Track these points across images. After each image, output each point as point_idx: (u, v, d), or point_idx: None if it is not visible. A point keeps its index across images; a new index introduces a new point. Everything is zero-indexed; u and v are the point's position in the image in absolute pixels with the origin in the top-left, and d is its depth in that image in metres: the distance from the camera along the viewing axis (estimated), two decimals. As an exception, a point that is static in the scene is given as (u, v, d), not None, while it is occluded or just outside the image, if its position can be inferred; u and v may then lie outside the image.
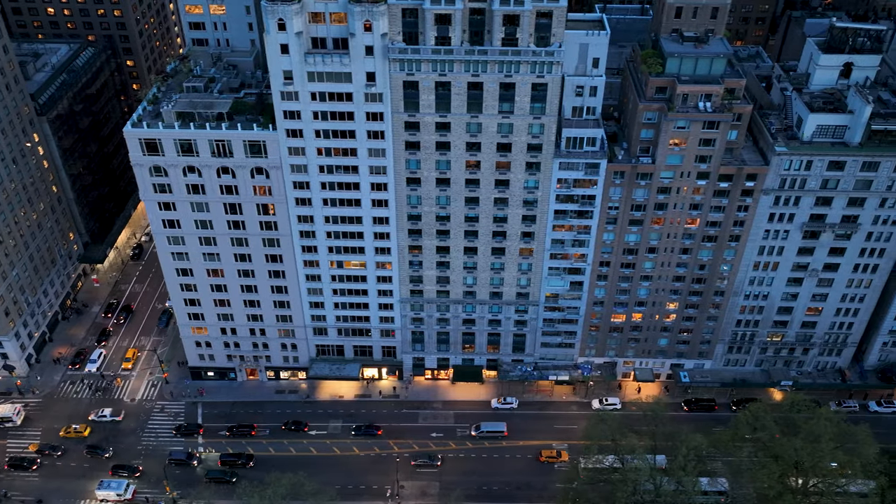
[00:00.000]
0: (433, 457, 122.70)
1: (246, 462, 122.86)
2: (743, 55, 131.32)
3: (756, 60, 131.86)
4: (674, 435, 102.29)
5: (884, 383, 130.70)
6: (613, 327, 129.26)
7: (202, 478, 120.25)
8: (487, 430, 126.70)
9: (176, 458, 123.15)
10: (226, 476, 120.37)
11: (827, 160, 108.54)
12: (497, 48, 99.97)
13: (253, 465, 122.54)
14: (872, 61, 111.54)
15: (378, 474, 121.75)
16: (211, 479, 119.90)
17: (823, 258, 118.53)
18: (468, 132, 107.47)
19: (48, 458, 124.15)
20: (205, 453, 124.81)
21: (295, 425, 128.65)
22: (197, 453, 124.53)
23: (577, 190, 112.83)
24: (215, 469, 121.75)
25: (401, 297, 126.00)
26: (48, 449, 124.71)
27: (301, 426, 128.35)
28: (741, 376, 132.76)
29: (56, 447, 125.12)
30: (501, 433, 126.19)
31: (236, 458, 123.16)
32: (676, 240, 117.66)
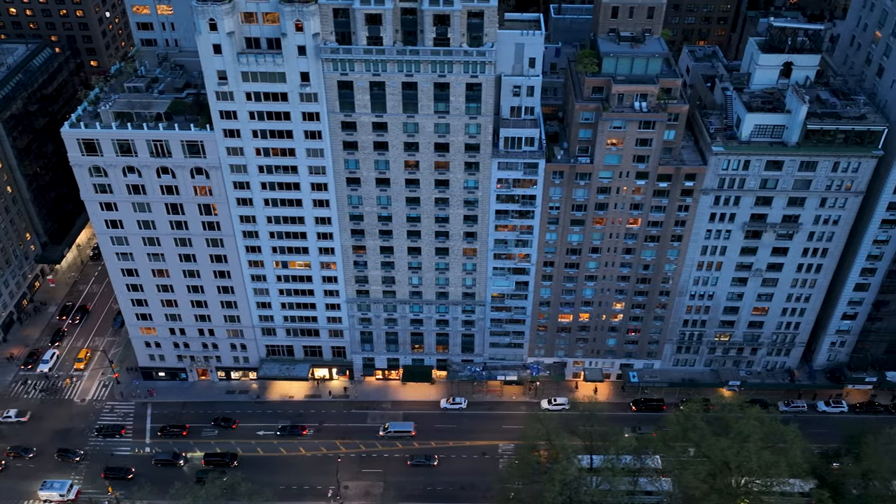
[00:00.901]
0: (429, 457, 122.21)
1: (230, 461, 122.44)
2: (699, 55, 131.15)
3: (712, 60, 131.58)
4: (609, 435, 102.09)
5: (832, 383, 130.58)
6: (561, 327, 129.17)
7: (191, 477, 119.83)
8: (395, 430, 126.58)
9: (161, 459, 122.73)
10: (224, 459, 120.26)
11: (764, 160, 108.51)
12: (429, 48, 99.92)
13: (238, 464, 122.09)
14: (812, 61, 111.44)
15: (324, 475, 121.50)
16: (201, 479, 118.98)
17: (767, 258, 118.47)
18: (405, 132, 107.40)
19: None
20: (191, 453, 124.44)
21: (224, 421, 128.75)
22: (183, 453, 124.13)
23: (518, 190, 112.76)
24: (206, 469, 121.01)
25: (347, 297, 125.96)
26: (20, 451, 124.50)
27: (230, 423, 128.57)
28: (690, 376, 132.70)
29: (28, 449, 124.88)
30: (409, 433, 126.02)
31: (221, 457, 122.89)
32: (619, 240, 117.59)
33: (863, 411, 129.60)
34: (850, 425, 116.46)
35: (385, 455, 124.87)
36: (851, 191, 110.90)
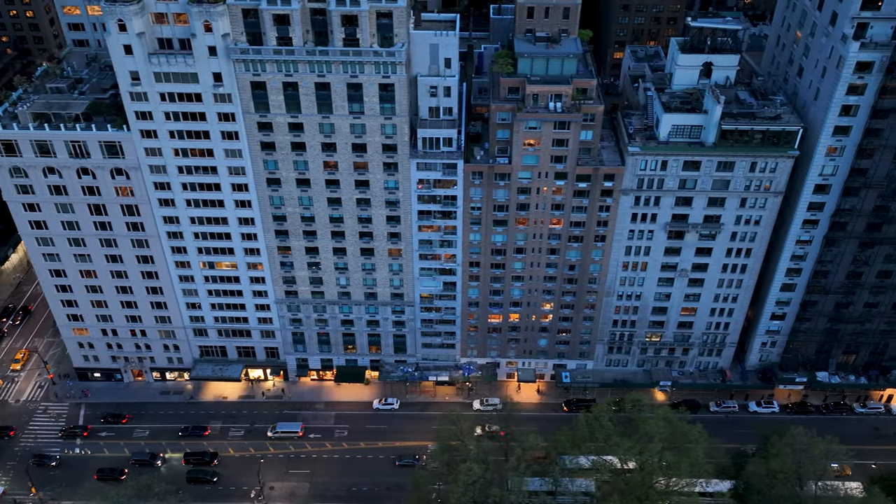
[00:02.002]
0: (417, 457, 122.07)
1: (210, 460, 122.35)
2: (641, 55, 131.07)
3: (654, 60, 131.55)
4: (521, 435, 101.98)
5: (764, 384, 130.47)
6: (491, 328, 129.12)
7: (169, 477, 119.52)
8: (283, 430, 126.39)
9: (139, 459, 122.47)
10: (206, 475, 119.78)
11: (681, 160, 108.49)
12: (338, 49, 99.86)
13: (217, 462, 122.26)
14: (731, 61, 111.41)
15: (251, 475, 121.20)
16: (191, 480, 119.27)
17: (691, 258, 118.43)
18: (322, 133, 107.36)
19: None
20: (169, 453, 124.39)
21: (113, 417, 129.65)
22: (161, 454, 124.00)
23: (438, 190, 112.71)
24: (198, 469, 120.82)
25: (276, 297, 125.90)
26: None
27: (120, 418, 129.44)
28: (623, 377, 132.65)
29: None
30: (296, 433, 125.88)
31: (200, 457, 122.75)
32: (543, 240, 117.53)
33: (794, 412, 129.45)
34: (768, 426, 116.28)
35: (314, 456, 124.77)
36: (771, 191, 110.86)
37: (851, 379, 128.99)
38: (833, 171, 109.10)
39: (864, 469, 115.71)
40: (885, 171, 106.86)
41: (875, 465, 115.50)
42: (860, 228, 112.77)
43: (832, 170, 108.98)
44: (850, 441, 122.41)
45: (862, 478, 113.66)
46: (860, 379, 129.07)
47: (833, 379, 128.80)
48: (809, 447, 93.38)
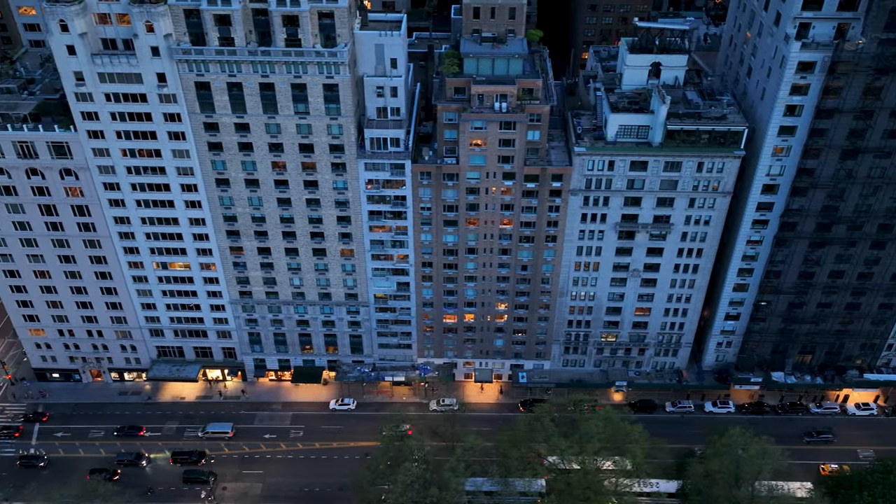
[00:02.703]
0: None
1: (199, 459, 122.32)
2: (604, 55, 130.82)
3: (613, 61, 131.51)
4: (464, 435, 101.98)
5: (720, 384, 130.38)
6: (447, 328, 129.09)
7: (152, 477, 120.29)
8: (212, 430, 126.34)
9: (123, 459, 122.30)
10: (203, 476, 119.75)
11: (628, 160, 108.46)
12: (280, 49, 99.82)
13: (204, 462, 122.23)
14: (679, 61, 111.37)
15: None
16: (188, 480, 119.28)
17: (643, 258, 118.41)
18: (268, 133, 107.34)
19: None
20: (155, 454, 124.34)
21: (34, 415, 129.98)
22: (146, 453, 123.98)
23: (387, 191, 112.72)
24: (195, 470, 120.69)
25: (231, 298, 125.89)
26: None
27: (40, 416, 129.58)
28: (579, 377, 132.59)
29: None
30: (227, 434, 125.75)
31: (188, 456, 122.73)
32: (494, 240, 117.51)
33: (750, 412, 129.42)
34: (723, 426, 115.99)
35: (268, 456, 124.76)
36: (719, 191, 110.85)
37: (807, 379, 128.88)
38: (780, 171, 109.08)
39: (812, 469, 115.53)
40: (831, 171, 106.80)
41: (823, 466, 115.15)
42: (810, 228, 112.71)
43: (779, 170, 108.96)
44: (805, 441, 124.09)
45: (811, 477, 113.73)
46: (816, 379, 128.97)
47: (789, 379, 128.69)
48: (747, 447, 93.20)
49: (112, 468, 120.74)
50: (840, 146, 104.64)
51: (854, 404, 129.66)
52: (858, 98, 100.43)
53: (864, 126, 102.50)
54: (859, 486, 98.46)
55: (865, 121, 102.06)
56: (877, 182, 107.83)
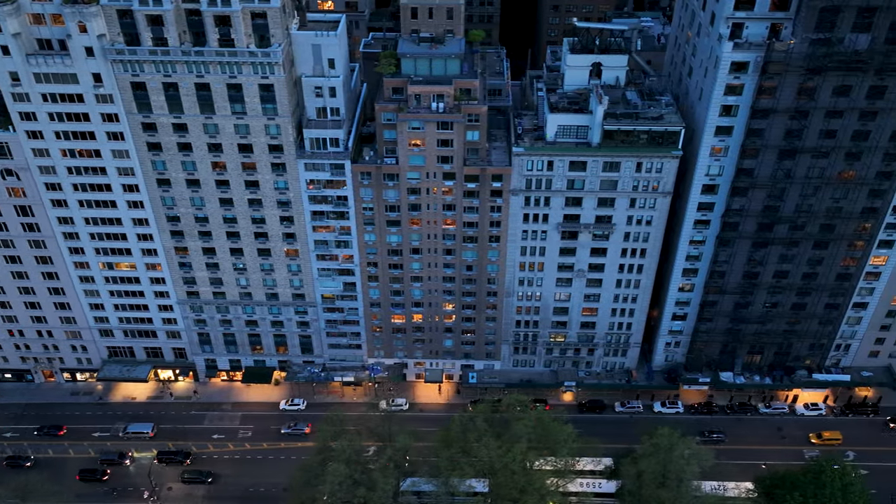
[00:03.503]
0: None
1: (184, 459, 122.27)
2: (560, 55, 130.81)
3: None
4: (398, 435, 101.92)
5: (669, 384, 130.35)
6: (395, 328, 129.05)
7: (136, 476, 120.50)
8: (133, 430, 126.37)
9: (107, 459, 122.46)
10: (201, 476, 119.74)
11: (567, 160, 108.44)
12: (213, 49, 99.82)
13: (190, 462, 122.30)
14: (620, 61, 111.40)
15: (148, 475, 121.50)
16: (186, 481, 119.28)
17: (587, 258, 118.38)
18: (206, 133, 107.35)
19: None
20: (137, 452, 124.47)
21: None
22: (130, 452, 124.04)
23: (329, 191, 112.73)
24: (194, 470, 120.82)
25: (178, 298, 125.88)
26: None
27: None
28: (529, 377, 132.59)
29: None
30: (147, 434, 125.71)
31: (174, 455, 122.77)
32: (438, 240, 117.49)
33: (698, 412, 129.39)
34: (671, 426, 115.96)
35: (215, 457, 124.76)
36: (659, 191, 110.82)
37: (756, 379, 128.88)
38: (719, 172, 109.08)
39: (756, 469, 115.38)
40: (769, 171, 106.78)
41: (764, 466, 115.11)
42: (751, 228, 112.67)
43: (718, 170, 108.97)
44: (751, 441, 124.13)
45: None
46: (765, 379, 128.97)
47: (738, 379, 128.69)
48: (673, 447, 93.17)
49: (101, 469, 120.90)
50: (777, 146, 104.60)
51: (803, 404, 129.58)
52: (792, 98, 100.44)
53: (800, 126, 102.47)
54: (792, 486, 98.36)
55: (800, 121, 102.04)
56: (816, 182, 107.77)
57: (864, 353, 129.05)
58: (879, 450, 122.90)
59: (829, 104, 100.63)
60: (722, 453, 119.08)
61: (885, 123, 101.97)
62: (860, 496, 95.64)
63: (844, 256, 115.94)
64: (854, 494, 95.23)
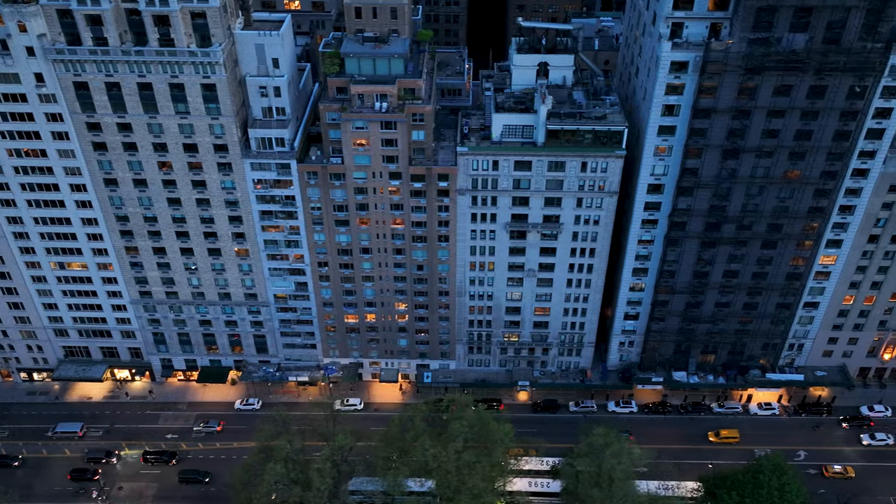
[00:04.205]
0: None
1: (169, 460, 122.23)
2: None
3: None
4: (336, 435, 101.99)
5: (624, 384, 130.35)
6: (349, 328, 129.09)
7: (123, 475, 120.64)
8: (62, 430, 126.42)
9: (93, 457, 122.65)
10: (199, 476, 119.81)
11: (512, 160, 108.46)
12: (154, 49, 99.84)
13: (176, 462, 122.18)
14: (566, 61, 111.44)
15: (104, 475, 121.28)
16: (183, 480, 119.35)
17: (536, 258, 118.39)
18: (151, 133, 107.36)
19: None
20: (126, 452, 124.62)
21: None
22: (116, 451, 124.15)
23: (276, 191, 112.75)
24: (191, 470, 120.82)
25: (131, 298, 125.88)
26: None
27: None
28: (484, 376, 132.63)
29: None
30: (76, 433, 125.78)
31: (159, 455, 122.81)
32: (387, 240, 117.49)
33: (652, 411, 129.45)
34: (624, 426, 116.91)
35: (200, 456, 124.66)
36: (605, 191, 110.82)
37: (710, 379, 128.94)
38: (664, 171, 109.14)
39: (703, 468, 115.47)
40: (714, 170, 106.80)
41: (711, 465, 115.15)
42: (699, 228, 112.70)
43: (663, 170, 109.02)
44: (705, 440, 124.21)
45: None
46: (719, 379, 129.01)
47: (692, 379, 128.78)
48: (608, 447, 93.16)
49: (92, 468, 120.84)
50: (720, 146, 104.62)
51: (756, 404, 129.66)
52: (733, 98, 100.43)
53: (742, 126, 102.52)
54: (732, 485, 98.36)
55: (742, 121, 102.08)
56: (761, 182, 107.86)
57: (817, 352, 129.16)
58: (831, 449, 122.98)
59: (770, 104, 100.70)
60: (675, 453, 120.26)
61: (827, 123, 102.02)
62: (797, 495, 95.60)
63: (793, 256, 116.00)
64: (791, 494, 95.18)
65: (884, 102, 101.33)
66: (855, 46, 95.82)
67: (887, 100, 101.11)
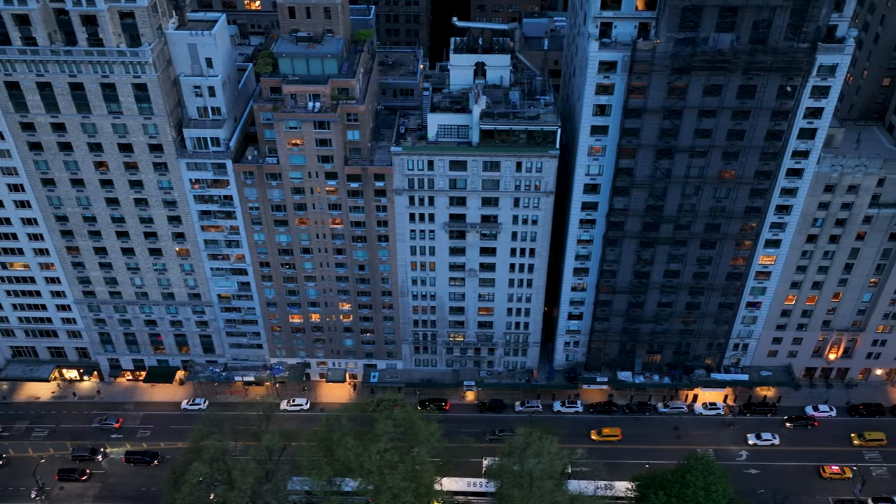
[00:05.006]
0: None
1: (151, 460, 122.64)
2: None
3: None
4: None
5: (569, 384, 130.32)
6: (294, 328, 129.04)
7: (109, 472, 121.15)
8: None
9: (79, 455, 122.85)
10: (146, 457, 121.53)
11: (447, 160, 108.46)
12: (83, 48, 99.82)
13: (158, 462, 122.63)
14: (502, 61, 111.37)
15: (47, 475, 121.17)
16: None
17: (477, 258, 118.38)
18: (85, 133, 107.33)
19: None
20: (111, 448, 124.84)
21: None
22: (102, 449, 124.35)
23: (214, 190, 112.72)
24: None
25: (75, 297, 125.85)
26: None
27: None
28: (431, 376, 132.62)
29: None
30: None
31: (142, 455, 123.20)
32: (327, 240, 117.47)
33: (597, 411, 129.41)
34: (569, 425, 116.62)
35: (111, 456, 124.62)
36: (542, 191, 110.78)
37: (655, 379, 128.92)
38: (599, 171, 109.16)
39: (641, 468, 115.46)
40: (648, 170, 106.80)
41: (648, 465, 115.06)
42: (636, 228, 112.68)
43: (598, 169, 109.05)
44: (648, 440, 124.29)
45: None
46: (664, 379, 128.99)
47: (637, 379, 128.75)
48: (530, 446, 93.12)
49: (80, 468, 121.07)
50: (653, 146, 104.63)
51: (702, 404, 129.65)
52: (663, 98, 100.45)
53: (673, 126, 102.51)
54: (660, 485, 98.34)
55: (673, 120, 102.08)
56: (696, 182, 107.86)
57: (762, 352, 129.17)
58: (773, 449, 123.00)
59: (700, 104, 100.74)
60: (617, 452, 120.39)
61: (758, 123, 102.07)
62: (723, 495, 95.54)
63: (733, 256, 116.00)
64: (716, 493, 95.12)
65: (814, 102, 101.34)
66: (781, 46, 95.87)
67: (817, 99, 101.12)
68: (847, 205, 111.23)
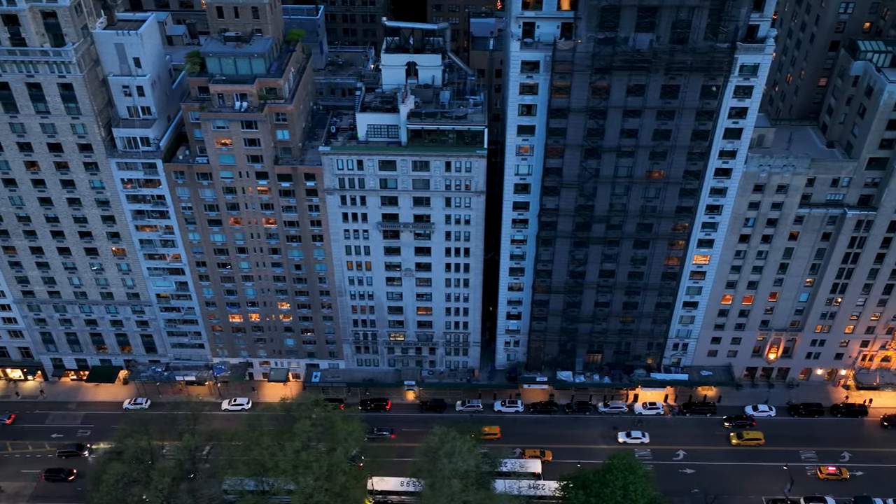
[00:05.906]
0: None
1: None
2: None
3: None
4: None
5: (511, 383, 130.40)
6: (234, 327, 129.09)
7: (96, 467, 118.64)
8: None
9: (66, 451, 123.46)
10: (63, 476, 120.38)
11: (376, 160, 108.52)
12: (6, 48, 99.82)
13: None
14: (434, 61, 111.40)
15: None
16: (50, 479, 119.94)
17: (412, 258, 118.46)
18: (14, 132, 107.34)
19: None
20: (97, 445, 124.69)
21: None
22: (88, 444, 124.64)
23: (146, 190, 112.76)
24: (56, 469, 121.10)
25: (14, 297, 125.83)
26: None
27: None
28: (373, 376, 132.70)
29: None
30: None
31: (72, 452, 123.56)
32: (262, 240, 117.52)
33: (538, 411, 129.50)
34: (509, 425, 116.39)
35: (50, 456, 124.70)
36: (472, 190, 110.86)
37: (596, 378, 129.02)
38: (528, 171, 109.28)
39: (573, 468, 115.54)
40: (576, 170, 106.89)
41: (579, 465, 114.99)
42: (569, 228, 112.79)
43: (527, 169, 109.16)
44: (588, 440, 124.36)
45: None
46: (604, 378, 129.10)
47: (578, 378, 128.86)
48: (443, 445, 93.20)
49: (67, 468, 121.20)
50: (580, 145, 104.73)
51: (642, 404, 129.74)
52: (587, 97, 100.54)
53: (598, 126, 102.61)
54: (583, 484, 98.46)
55: (598, 120, 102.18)
56: (625, 181, 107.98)
57: (702, 352, 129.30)
58: (710, 449, 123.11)
59: (624, 103, 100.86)
60: (556, 452, 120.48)
61: (683, 123, 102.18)
62: (642, 495, 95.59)
63: (667, 255, 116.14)
64: (635, 493, 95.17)
65: (738, 102, 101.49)
66: (701, 46, 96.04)
67: (741, 99, 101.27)
68: (777, 204, 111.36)
